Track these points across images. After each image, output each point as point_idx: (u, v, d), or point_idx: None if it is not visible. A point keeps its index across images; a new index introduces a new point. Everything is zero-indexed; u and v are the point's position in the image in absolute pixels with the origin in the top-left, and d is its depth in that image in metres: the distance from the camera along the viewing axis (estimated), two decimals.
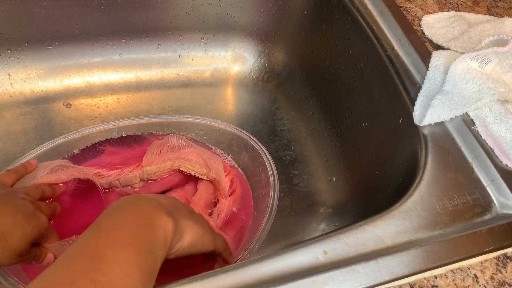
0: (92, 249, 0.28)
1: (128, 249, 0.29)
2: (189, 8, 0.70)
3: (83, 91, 0.70)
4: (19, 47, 0.65)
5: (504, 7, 0.67)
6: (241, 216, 0.54)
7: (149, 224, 0.32)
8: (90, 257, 0.28)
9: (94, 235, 0.30)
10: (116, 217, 0.32)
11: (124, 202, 0.34)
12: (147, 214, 0.32)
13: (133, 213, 0.32)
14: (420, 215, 0.40)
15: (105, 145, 0.57)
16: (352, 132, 0.63)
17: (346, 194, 0.63)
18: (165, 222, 0.33)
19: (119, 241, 0.29)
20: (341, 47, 0.64)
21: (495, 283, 0.37)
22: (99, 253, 0.28)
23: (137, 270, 0.28)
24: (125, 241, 0.29)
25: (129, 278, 0.27)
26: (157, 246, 0.31)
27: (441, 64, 0.51)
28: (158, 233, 0.32)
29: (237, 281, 0.34)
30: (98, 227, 0.31)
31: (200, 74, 0.77)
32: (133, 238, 0.30)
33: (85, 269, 0.26)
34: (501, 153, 0.44)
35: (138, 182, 0.54)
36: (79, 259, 0.28)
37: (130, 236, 0.30)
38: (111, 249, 0.28)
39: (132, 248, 0.29)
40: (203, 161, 0.55)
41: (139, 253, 0.29)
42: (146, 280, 0.29)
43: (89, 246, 0.29)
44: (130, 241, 0.29)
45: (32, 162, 0.49)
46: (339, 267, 0.35)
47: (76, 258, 0.28)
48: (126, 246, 0.29)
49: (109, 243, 0.29)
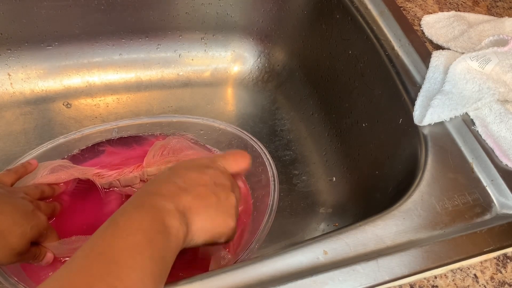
0: (110, 251, 0.28)
1: (145, 255, 0.29)
2: (189, 8, 0.70)
3: (83, 91, 0.70)
4: (19, 47, 0.65)
5: (504, 7, 0.67)
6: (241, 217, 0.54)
7: (164, 232, 0.32)
8: (108, 260, 0.28)
9: (112, 235, 0.30)
10: (135, 218, 0.31)
11: (141, 199, 0.34)
12: (162, 221, 0.32)
13: (151, 216, 0.32)
14: (420, 215, 0.40)
15: (105, 145, 0.57)
16: (352, 132, 0.63)
17: (346, 194, 0.63)
18: (177, 230, 0.33)
19: (137, 246, 0.29)
20: (341, 47, 0.64)
21: (495, 283, 0.37)
22: (117, 257, 0.28)
23: (151, 278, 0.28)
24: (142, 247, 0.29)
25: (144, 286, 0.28)
26: (169, 253, 0.32)
27: (441, 64, 0.51)
28: (171, 241, 0.32)
29: (237, 281, 0.34)
30: (116, 226, 0.30)
31: (200, 74, 0.77)
32: (149, 245, 0.30)
33: (103, 273, 0.27)
34: (501, 153, 0.44)
35: (138, 183, 0.54)
36: (96, 261, 0.28)
37: (147, 243, 0.30)
38: (128, 253, 0.28)
39: (148, 255, 0.29)
40: None
41: (154, 260, 0.29)
42: (158, 287, 0.29)
43: (107, 247, 0.29)
44: (147, 248, 0.29)
45: (32, 162, 0.49)
46: (339, 267, 0.35)
47: (94, 259, 0.28)
48: (143, 253, 0.29)
49: (127, 246, 0.29)
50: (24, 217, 0.39)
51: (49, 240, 0.43)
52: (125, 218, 0.31)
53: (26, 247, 0.39)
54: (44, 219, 0.42)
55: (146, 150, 0.56)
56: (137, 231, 0.30)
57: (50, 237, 0.43)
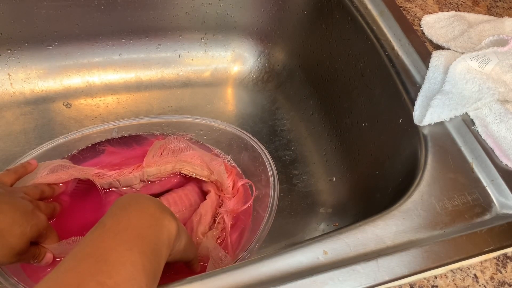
0: (98, 251, 0.28)
1: (134, 251, 0.29)
2: (189, 8, 0.70)
3: (83, 91, 0.70)
4: (19, 47, 0.65)
5: (504, 7, 0.67)
6: (241, 217, 0.54)
7: (153, 225, 0.32)
8: (97, 259, 0.28)
9: (100, 236, 0.30)
10: (122, 216, 0.32)
11: (127, 201, 0.34)
12: (151, 214, 0.33)
13: (138, 212, 0.32)
14: (420, 215, 0.40)
15: (105, 145, 0.57)
16: (352, 132, 0.63)
17: (346, 194, 0.63)
18: (169, 222, 0.33)
19: (125, 242, 0.29)
20: (341, 47, 0.64)
21: (495, 283, 0.37)
22: (106, 255, 0.28)
23: (142, 273, 0.28)
24: (131, 242, 0.29)
25: (135, 281, 0.28)
26: (161, 247, 0.32)
27: (441, 64, 0.51)
28: (163, 233, 0.32)
29: (237, 281, 0.34)
30: (104, 227, 0.31)
31: (200, 74, 0.77)
32: (138, 239, 0.30)
33: (92, 272, 0.27)
34: (501, 153, 0.44)
35: (138, 183, 0.54)
36: (86, 261, 0.28)
37: (135, 238, 0.30)
38: (117, 251, 0.28)
39: (138, 250, 0.29)
40: (204, 163, 0.55)
41: (145, 255, 0.29)
42: (151, 281, 0.29)
43: (96, 247, 0.29)
44: (136, 243, 0.29)
45: (32, 162, 0.49)
46: (339, 267, 0.35)
47: (83, 259, 0.28)
48: (132, 248, 0.29)
49: (115, 245, 0.29)
50: (24, 216, 0.39)
51: (49, 240, 0.43)
52: (112, 220, 0.31)
53: (25, 247, 0.39)
54: (44, 219, 0.42)
55: (146, 150, 0.56)
56: (124, 229, 0.30)
57: (50, 237, 0.43)
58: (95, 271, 0.27)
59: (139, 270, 0.28)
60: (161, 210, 0.34)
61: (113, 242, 0.29)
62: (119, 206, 0.33)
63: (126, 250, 0.29)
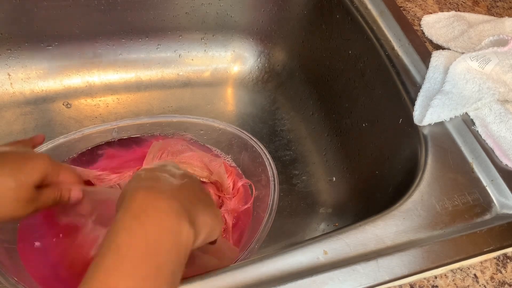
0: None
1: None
2: (189, 8, 0.70)
3: (83, 91, 0.70)
4: (19, 47, 0.65)
5: (504, 7, 0.67)
6: (241, 217, 0.54)
7: (174, 245, 0.28)
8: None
9: (114, 266, 0.25)
10: (137, 234, 0.27)
11: (142, 206, 0.28)
12: (170, 229, 0.28)
13: (155, 226, 0.27)
14: (420, 215, 0.40)
15: (105, 148, 0.57)
16: (352, 132, 0.63)
17: (346, 194, 0.63)
18: (187, 234, 0.29)
19: (145, 279, 0.26)
20: (341, 47, 0.64)
21: (495, 283, 0.37)
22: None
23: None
24: (152, 277, 0.26)
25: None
26: (180, 268, 0.28)
27: (441, 64, 0.51)
28: (181, 251, 0.28)
29: (237, 281, 0.34)
30: (117, 251, 0.26)
31: (200, 74, 0.77)
32: (158, 271, 0.26)
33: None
34: (501, 153, 0.44)
35: None
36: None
37: (155, 271, 0.26)
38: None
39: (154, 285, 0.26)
40: (203, 164, 0.55)
41: (167, 284, 0.26)
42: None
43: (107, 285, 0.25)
44: (156, 275, 0.26)
45: (40, 135, 0.46)
46: (339, 267, 0.35)
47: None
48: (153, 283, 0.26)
49: (133, 283, 0.25)
50: (14, 166, 0.36)
51: (62, 174, 0.40)
52: (125, 238, 0.26)
53: (31, 194, 0.36)
54: (44, 160, 0.38)
55: (146, 151, 0.56)
56: (144, 257, 0.26)
57: (63, 171, 0.40)
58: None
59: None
60: (180, 217, 0.29)
61: (131, 281, 0.25)
62: (133, 213, 0.28)
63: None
